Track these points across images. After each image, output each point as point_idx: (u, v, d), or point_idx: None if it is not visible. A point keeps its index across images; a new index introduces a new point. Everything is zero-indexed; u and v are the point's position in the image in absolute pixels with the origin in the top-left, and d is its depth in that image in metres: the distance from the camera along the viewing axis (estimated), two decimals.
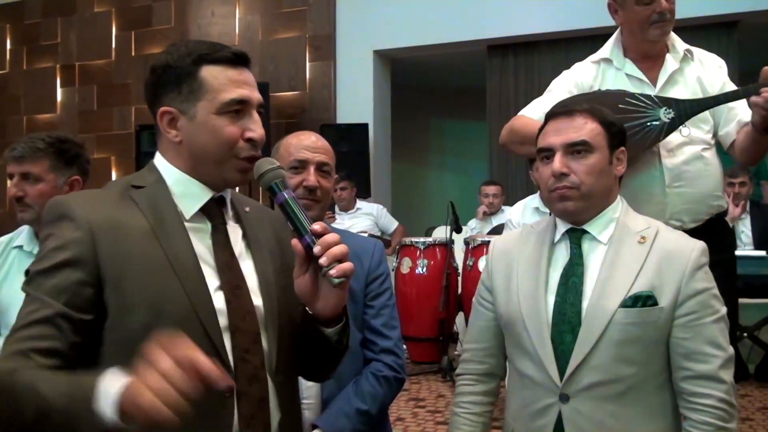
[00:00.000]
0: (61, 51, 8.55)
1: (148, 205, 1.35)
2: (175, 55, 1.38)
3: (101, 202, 1.35)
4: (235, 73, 1.39)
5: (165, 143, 1.43)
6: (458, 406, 1.96)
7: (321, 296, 1.38)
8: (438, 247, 5.96)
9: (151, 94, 1.41)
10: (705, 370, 1.66)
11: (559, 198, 1.78)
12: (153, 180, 1.40)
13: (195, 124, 1.37)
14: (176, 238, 1.35)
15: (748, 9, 6.37)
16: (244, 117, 1.39)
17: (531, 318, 1.76)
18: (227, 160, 1.38)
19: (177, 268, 1.31)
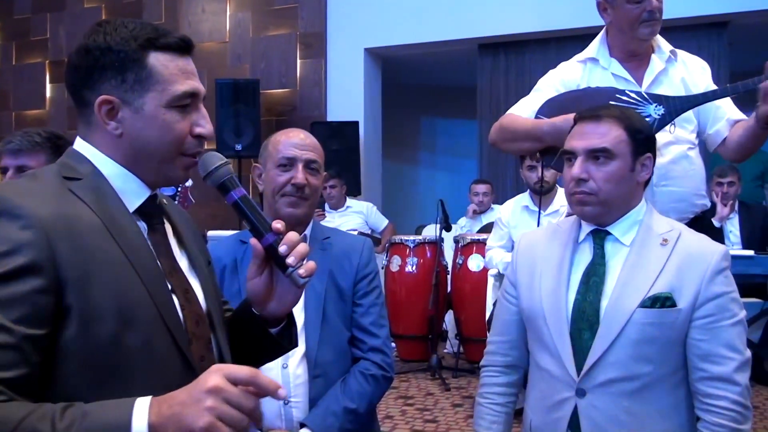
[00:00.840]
0: (51, 47, 8.51)
1: (92, 200, 1.19)
2: (116, 37, 1.22)
3: (43, 195, 1.15)
4: (183, 63, 1.27)
5: (98, 134, 1.25)
6: (482, 396, 2.01)
7: (276, 296, 1.34)
8: (428, 245, 5.95)
9: (84, 77, 1.23)
10: (720, 372, 1.69)
11: (577, 202, 1.83)
12: (88, 171, 1.23)
13: (141, 117, 1.23)
14: (131, 235, 1.22)
15: (738, 9, 6.39)
16: (192, 111, 1.28)
17: (551, 314, 1.81)
18: (174, 158, 1.27)
19: (139, 270, 1.19)
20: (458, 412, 4.61)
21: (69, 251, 1.10)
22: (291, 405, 1.99)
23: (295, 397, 2.00)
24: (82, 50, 1.24)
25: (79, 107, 1.27)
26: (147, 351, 1.14)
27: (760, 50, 2.22)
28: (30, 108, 8.56)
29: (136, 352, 1.13)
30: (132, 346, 1.13)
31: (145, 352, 1.13)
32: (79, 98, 1.26)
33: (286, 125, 6.57)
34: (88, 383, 1.09)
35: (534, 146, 2.49)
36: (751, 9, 6.39)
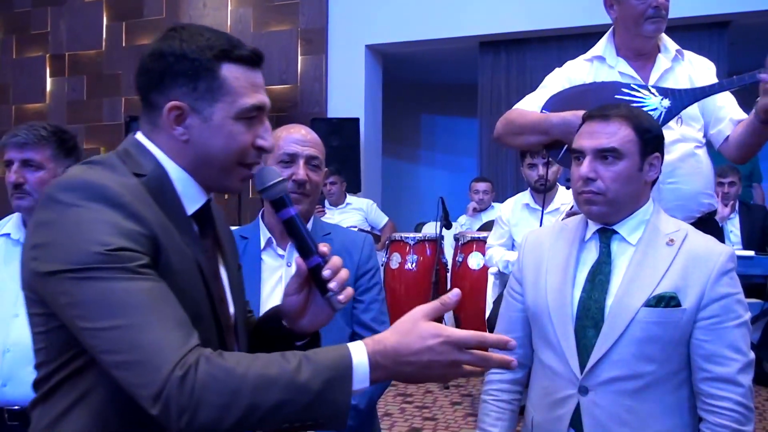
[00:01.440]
0: (51, 40, 8.48)
1: (162, 201, 1.23)
2: (192, 45, 1.24)
3: (135, 194, 1.18)
4: (253, 76, 1.29)
5: (162, 136, 1.27)
6: (487, 393, 2.01)
7: (309, 314, 1.37)
8: (428, 242, 5.95)
9: (155, 81, 1.25)
10: (724, 373, 1.69)
11: (584, 202, 1.83)
12: (151, 168, 1.25)
13: (208, 126, 1.25)
14: (194, 238, 1.28)
15: (739, 9, 6.39)
16: (256, 124, 1.29)
17: (556, 311, 1.81)
18: (233, 168, 1.29)
19: (204, 270, 1.25)
20: (457, 410, 4.61)
21: (165, 245, 1.16)
22: None
23: None
24: (156, 53, 1.25)
25: (146, 108, 1.29)
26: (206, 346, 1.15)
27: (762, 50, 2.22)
28: (30, 102, 8.54)
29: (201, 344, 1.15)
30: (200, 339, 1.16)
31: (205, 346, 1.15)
32: (148, 100, 1.28)
33: (287, 121, 6.53)
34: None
35: (540, 140, 2.48)
36: (753, 9, 6.39)
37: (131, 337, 1.05)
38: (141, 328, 1.05)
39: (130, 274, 1.08)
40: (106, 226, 1.10)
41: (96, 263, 1.07)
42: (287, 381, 1.06)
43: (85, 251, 1.08)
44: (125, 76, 8.13)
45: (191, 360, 1.05)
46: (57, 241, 1.11)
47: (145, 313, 1.06)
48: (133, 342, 1.05)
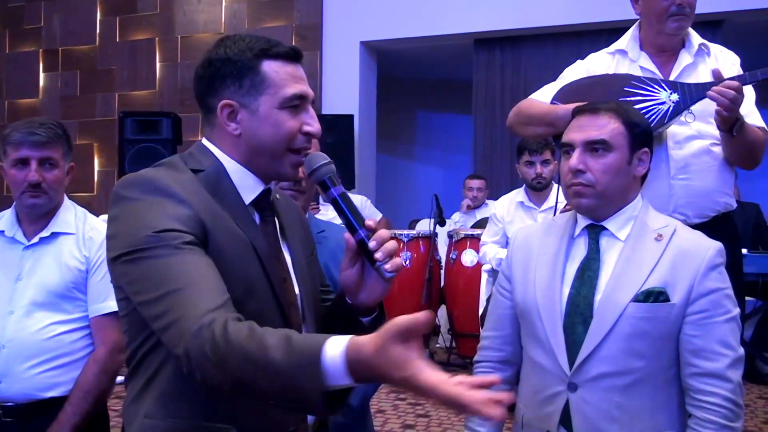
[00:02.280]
0: (45, 35, 8.44)
1: (215, 191, 1.38)
2: (234, 49, 1.39)
3: (184, 182, 1.35)
4: (293, 69, 1.42)
5: (220, 135, 1.43)
6: None
7: (366, 288, 1.44)
8: (421, 239, 5.96)
9: (207, 87, 1.41)
10: (713, 368, 1.69)
11: (574, 194, 1.83)
12: (210, 164, 1.41)
13: (257, 117, 1.39)
14: (249, 223, 1.40)
15: (733, 8, 6.41)
16: (301, 111, 1.41)
17: (545, 308, 1.81)
18: (284, 154, 1.41)
19: (258, 250, 1.37)
20: None
21: (213, 229, 1.31)
22: None
23: None
24: (206, 62, 1.42)
25: (205, 113, 1.45)
26: (260, 318, 1.25)
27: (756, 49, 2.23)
28: (23, 97, 8.49)
29: (253, 317, 1.24)
30: (252, 311, 1.28)
31: (259, 319, 1.24)
32: (204, 105, 1.43)
33: None
34: None
35: (547, 131, 2.48)
36: (747, 8, 6.41)
37: (169, 301, 1.20)
38: (177, 294, 1.20)
39: (172, 249, 1.23)
40: (157, 212, 1.27)
41: (145, 244, 1.23)
42: (261, 359, 1.12)
43: (137, 236, 1.25)
44: (119, 72, 8.10)
45: (207, 320, 1.16)
46: (120, 232, 1.28)
47: (182, 282, 1.20)
48: (170, 306, 1.19)
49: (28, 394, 2.18)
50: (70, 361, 2.24)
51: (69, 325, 2.25)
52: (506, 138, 7.29)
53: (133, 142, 6.15)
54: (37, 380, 2.18)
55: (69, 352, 2.23)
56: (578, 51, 6.79)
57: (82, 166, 7.78)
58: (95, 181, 8.14)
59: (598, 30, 6.62)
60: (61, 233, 2.30)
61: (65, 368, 2.22)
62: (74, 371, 2.24)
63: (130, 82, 8.09)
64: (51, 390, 2.20)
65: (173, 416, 1.31)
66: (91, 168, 8.14)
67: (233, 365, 1.13)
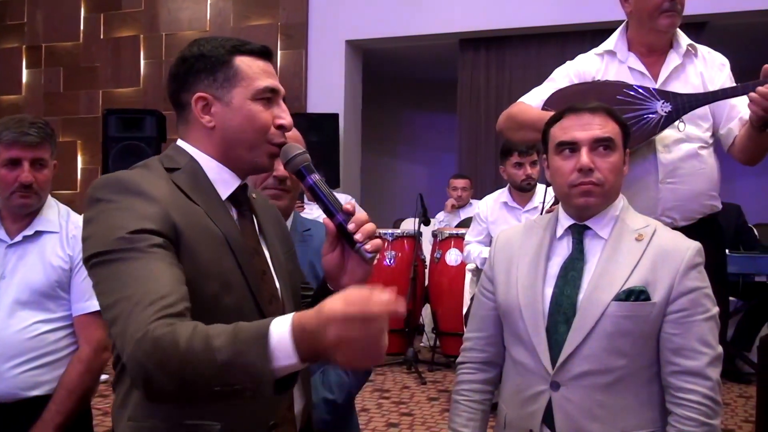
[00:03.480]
0: (28, 31, 8.38)
1: (188, 187, 1.39)
2: (208, 46, 1.44)
3: (157, 181, 1.36)
4: (264, 64, 1.47)
5: (194, 130, 1.46)
6: (459, 393, 2.00)
7: (348, 271, 1.47)
8: (406, 238, 5.97)
9: (181, 83, 1.45)
10: (692, 366, 1.71)
11: (581, 193, 1.81)
12: (185, 162, 1.44)
13: (231, 109, 1.42)
14: (224, 218, 1.42)
15: (716, 10, 6.45)
16: (273, 105, 1.46)
17: (528, 308, 1.81)
18: (260, 145, 1.44)
19: (233, 245, 1.38)
20: (434, 405, 4.63)
21: (182, 225, 1.31)
22: None
23: None
24: (179, 60, 1.46)
25: (179, 110, 1.48)
26: (238, 313, 1.29)
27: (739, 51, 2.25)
28: (6, 93, 8.43)
29: (231, 312, 1.30)
30: (229, 305, 1.33)
31: (237, 313, 1.28)
32: (178, 101, 1.47)
33: None
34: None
35: (538, 137, 2.47)
36: (730, 10, 6.46)
37: (120, 307, 1.18)
38: (127, 300, 1.18)
39: (138, 253, 1.22)
40: (127, 213, 1.27)
41: (114, 247, 1.23)
42: (205, 351, 1.10)
43: (108, 238, 1.24)
44: (103, 69, 8.06)
45: (151, 327, 1.13)
46: (94, 233, 1.28)
47: (135, 288, 1.19)
48: (120, 312, 1.18)
49: (12, 393, 2.17)
50: (54, 360, 2.23)
51: (52, 324, 2.24)
52: (491, 138, 7.31)
53: (117, 139, 6.13)
54: (20, 379, 2.17)
55: (52, 351, 2.23)
56: (562, 51, 6.88)
57: (65, 163, 7.73)
58: (78, 179, 8.09)
59: (582, 31, 6.67)
60: (44, 232, 2.29)
61: (49, 367, 2.22)
62: (58, 370, 2.23)
63: (114, 79, 8.05)
64: (35, 389, 2.19)
65: (157, 417, 1.32)
66: (75, 165, 8.10)
67: (175, 366, 1.10)
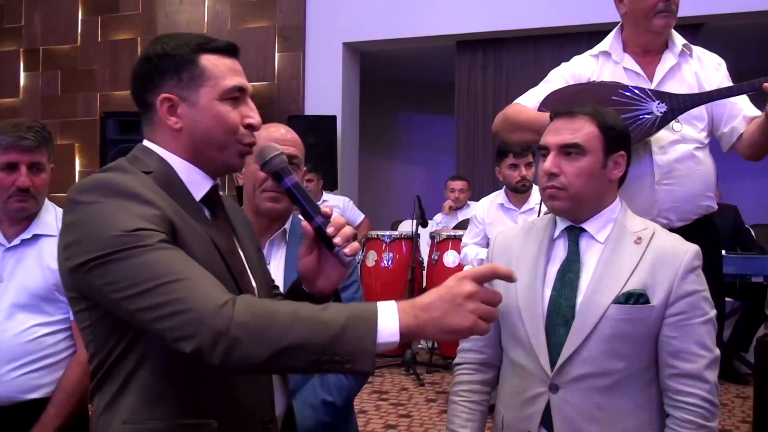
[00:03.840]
0: (25, 34, 8.37)
1: (170, 191, 1.36)
2: (171, 44, 1.39)
3: (145, 185, 1.32)
4: (231, 62, 1.43)
5: (161, 132, 1.41)
6: (456, 394, 2.00)
7: (324, 274, 1.46)
8: (404, 240, 5.98)
9: (145, 83, 1.40)
10: (690, 369, 1.71)
11: (548, 197, 1.85)
12: (156, 164, 1.39)
13: (197, 110, 1.38)
14: (206, 220, 1.41)
15: (712, 12, 6.46)
16: (241, 104, 1.43)
17: (527, 309, 1.82)
18: (230, 145, 1.41)
19: (220, 247, 1.37)
20: (432, 407, 4.64)
21: (180, 228, 1.29)
22: None
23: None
24: (143, 60, 1.41)
25: (143, 111, 1.43)
26: None
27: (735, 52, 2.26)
28: (3, 96, 8.41)
29: None
30: None
31: None
32: (143, 102, 1.42)
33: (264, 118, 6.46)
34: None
35: (535, 138, 2.45)
36: (726, 11, 6.47)
37: (170, 290, 1.16)
38: (178, 283, 1.17)
39: (151, 247, 1.19)
40: (123, 213, 1.22)
41: (119, 246, 1.19)
42: (311, 317, 1.15)
43: (107, 238, 1.20)
44: (100, 72, 8.06)
45: (224, 302, 1.16)
46: (83, 237, 1.23)
47: (181, 273, 1.18)
48: (172, 295, 1.16)
49: (11, 396, 2.17)
50: (53, 363, 2.23)
51: (51, 327, 2.24)
52: (488, 139, 7.32)
53: (115, 142, 6.13)
54: (19, 382, 2.18)
55: (51, 354, 2.23)
56: (559, 53, 6.88)
57: (63, 166, 7.73)
58: (76, 182, 8.06)
59: (578, 33, 6.67)
60: (42, 235, 2.29)
61: (47, 370, 2.22)
62: (56, 373, 2.23)
63: (111, 81, 8.04)
64: (33, 392, 2.19)
65: (154, 418, 1.29)
66: (72, 168, 8.09)
67: (275, 334, 1.13)
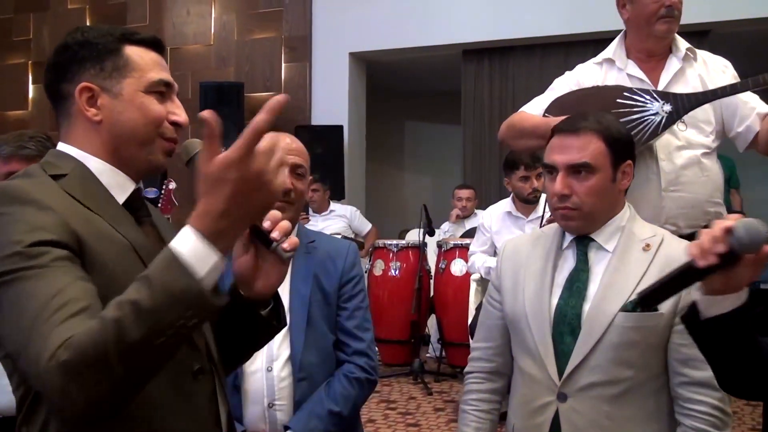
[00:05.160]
0: (34, 47, 8.43)
1: (81, 194, 1.25)
2: (93, 33, 1.33)
3: (44, 189, 1.21)
4: (157, 57, 1.36)
5: (78, 129, 1.32)
6: (467, 403, 2.00)
7: (262, 275, 1.32)
8: (411, 249, 5.97)
9: (61, 73, 1.32)
10: (701, 377, 1.69)
11: (561, 218, 1.83)
12: (72, 167, 1.29)
13: (120, 101, 1.30)
14: (128, 225, 1.30)
15: (719, 18, 6.46)
16: (167, 100, 1.35)
17: (534, 317, 1.81)
18: (153, 140, 1.33)
19: (141, 254, 1.25)
20: (440, 416, 4.63)
21: (84, 234, 1.17)
22: (275, 408, 2.00)
23: (279, 400, 2.00)
24: (60, 48, 1.33)
25: (58, 103, 1.34)
26: None
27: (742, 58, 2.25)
28: (12, 109, 8.48)
29: None
30: None
31: None
32: (57, 93, 1.33)
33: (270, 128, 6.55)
34: None
35: (540, 143, 2.42)
36: (732, 18, 6.47)
37: (22, 335, 1.05)
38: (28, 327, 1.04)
39: (41, 269, 1.08)
40: (20, 224, 1.12)
41: (10, 266, 1.08)
42: (133, 308, 1.01)
43: (3, 255, 1.09)
44: None
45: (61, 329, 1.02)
46: None
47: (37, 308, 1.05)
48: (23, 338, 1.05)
49: (15, 406, 2.17)
50: None
51: None
52: (495, 148, 7.32)
53: None
54: None
55: None
56: (566, 61, 6.89)
57: None
58: None
59: (584, 41, 6.66)
60: None
61: None
62: None
63: None
64: None
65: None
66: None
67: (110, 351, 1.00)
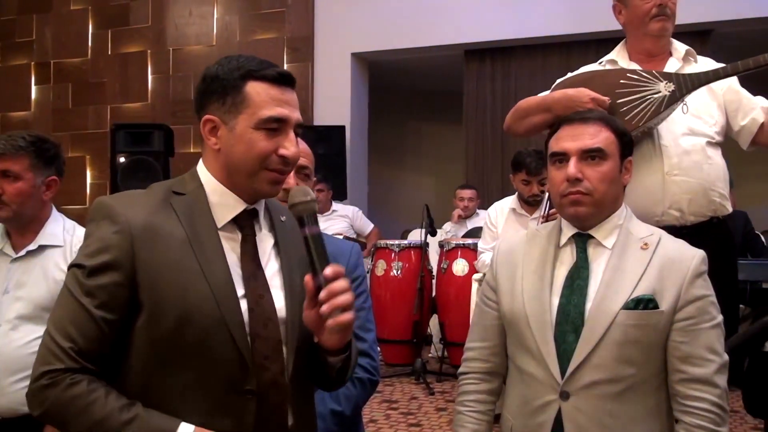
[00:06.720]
0: (37, 48, 8.44)
1: (184, 213, 1.41)
2: (225, 67, 1.44)
3: (144, 206, 1.40)
4: (277, 92, 1.44)
5: (206, 150, 1.48)
6: (462, 404, 1.98)
7: (326, 330, 1.41)
8: (413, 249, 5.98)
9: (199, 101, 1.47)
10: (700, 373, 1.70)
11: (571, 203, 1.83)
12: (193, 187, 1.46)
13: (233, 135, 1.42)
14: (210, 247, 1.41)
15: (721, 18, 6.45)
16: (280, 134, 1.43)
17: (535, 317, 1.81)
18: (258, 172, 1.43)
19: (209, 278, 1.38)
20: (442, 416, 4.62)
21: (148, 257, 1.35)
22: None
23: None
24: (201, 78, 1.47)
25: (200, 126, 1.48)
26: (202, 346, 1.35)
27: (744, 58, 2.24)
28: (15, 110, 8.49)
29: (191, 345, 1.34)
30: (189, 340, 1.34)
31: (200, 346, 1.35)
32: (199, 119, 1.47)
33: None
34: (153, 366, 1.34)
35: (545, 118, 2.44)
36: (735, 18, 6.46)
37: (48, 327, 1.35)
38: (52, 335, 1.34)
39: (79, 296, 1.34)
40: (95, 240, 1.37)
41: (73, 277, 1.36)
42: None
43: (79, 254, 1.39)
44: (111, 84, 8.11)
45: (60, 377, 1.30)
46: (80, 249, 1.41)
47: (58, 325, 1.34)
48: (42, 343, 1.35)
49: (13, 408, 2.17)
50: None
51: None
52: (497, 148, 7.33)
53: (126, 154, 6.15)
54: (22, 394, 2.15)
55: None
56: (568, 61, 6.89)
57: (74, 178, 7.79)
58: (87, 194, 8.12)
59: (586, 41, 6.68)
60: (48, 246, 2.30)
61: None
62: None
63: (122, 94, 8.09)
64: None
65: None
66: (84, 180, 8.14)
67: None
